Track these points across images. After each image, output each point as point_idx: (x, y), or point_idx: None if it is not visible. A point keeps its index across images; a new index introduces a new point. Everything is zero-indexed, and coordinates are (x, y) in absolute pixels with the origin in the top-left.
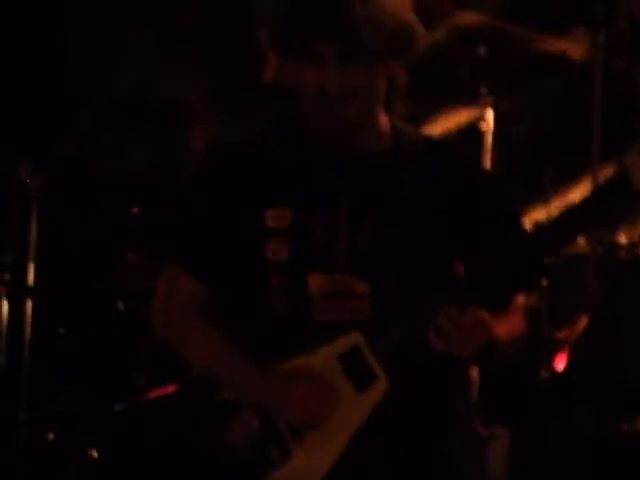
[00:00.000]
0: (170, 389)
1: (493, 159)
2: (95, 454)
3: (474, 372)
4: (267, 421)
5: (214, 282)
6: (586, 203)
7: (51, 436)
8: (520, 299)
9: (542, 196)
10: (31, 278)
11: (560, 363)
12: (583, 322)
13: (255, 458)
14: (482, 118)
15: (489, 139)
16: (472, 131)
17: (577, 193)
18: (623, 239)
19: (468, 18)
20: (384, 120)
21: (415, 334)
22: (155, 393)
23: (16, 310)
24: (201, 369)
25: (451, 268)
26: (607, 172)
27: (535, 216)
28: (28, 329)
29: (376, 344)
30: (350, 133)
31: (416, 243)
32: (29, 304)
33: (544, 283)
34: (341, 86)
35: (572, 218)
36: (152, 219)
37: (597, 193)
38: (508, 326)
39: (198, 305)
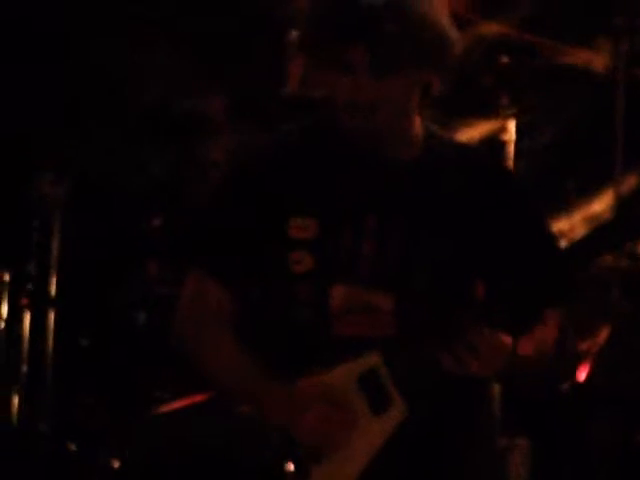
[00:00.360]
0: (189, 401)
1: (515, 170)
2: (116, 465)
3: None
4: (286, 439)
5: (239, 290)
6: (614, 219)
7: (73, 447)
8: (554, 313)
9: (564, 207)
10: (53, 289)
11: (581, 374)
12: (605, 333)
13: (273, 475)
14: (504, 129)
15: (511, 150)
16: (494, 142)
17: (600, 204)
18: None
19: (491, 28)
20: (417, 127)
21: (433, 359)
22: (174, 404)
23: (38, 321)
24: (219, 383)
25: (475, 287)
26: (630, 183)
27: (558, 227)
28: (50, 340)
29: (394, 367)
30: (380, 142)
31: (443, 259)
32: (51, 315)
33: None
34: (373, 96)
35: (601, 234)
36: (173, 230)
37: (621, 205)
38: (536, 342)
39: (222, 310)
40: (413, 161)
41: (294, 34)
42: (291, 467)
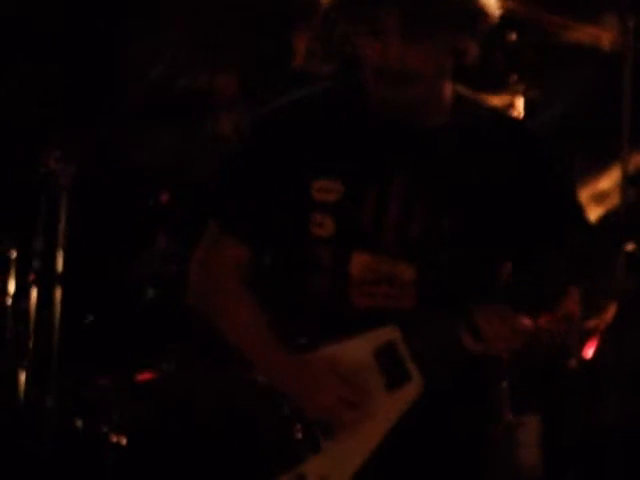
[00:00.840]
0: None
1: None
2: (123, 441)
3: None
4: (298, 411)
5: (258, 250)
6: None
7: (79, 423)
8: (574, 288)
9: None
10: (60, 265)
11: (589, 351)
12: (612, 311)
13: (282, 447)
14: (512, 105)
15: None
16: None
17: (607, 181)
18: None
19: (499, 5)
20: (448, 93)
21: (452, 335)
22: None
23: (45, 297)
24: (233, 344)
25: (501, 265)
26: (637, 160)
27: None
28: (57, 316)
29: (412, 341)
30: (410, 110)
31: (471, 232)
32: (58, 291)
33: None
34: (403, 64)
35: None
36: (182, 204)
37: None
38: (561, 317)
39: (241, 271)
40: (442, 127)
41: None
42: (299, 434)
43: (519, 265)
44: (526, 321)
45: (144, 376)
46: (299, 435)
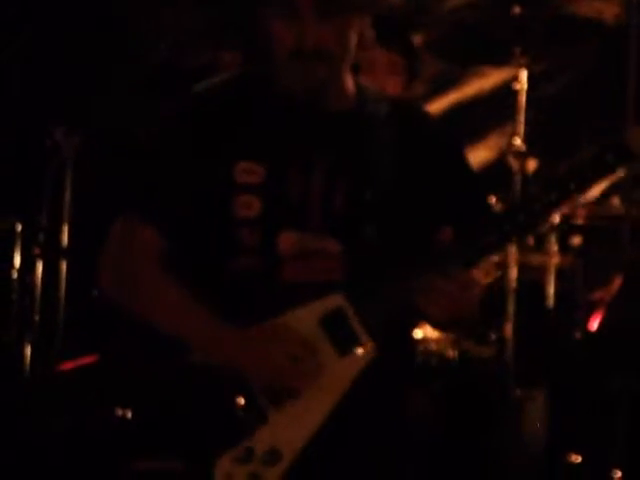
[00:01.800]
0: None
1: (527, 120)
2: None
3: (508, 332)
4: (241, 382)
5: (175, 234)
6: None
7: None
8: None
9: (576, 156)
10: (65, 239)
11: (594, 323)
12: (617, 283)
13: (226, 423)
14: (516, 78)
15: (523, 100)
16: (506, 91)
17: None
18: None
19: None
20: (349, 79)
21: (403, 299)
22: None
23: (50, 271)
24: (161, 327)
25: (426, 230)
26: None
27: None
28: (62, 290)
29: (362, 308)
30: (319, 91)
31: (389, 203)
32: (63, 265)
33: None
34: (318, 42)
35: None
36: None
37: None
38: None
39: (155, 256)
40: (350, 111)
41: None
42: (242, 401)
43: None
44: (473, 276)
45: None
46: (243, 408)
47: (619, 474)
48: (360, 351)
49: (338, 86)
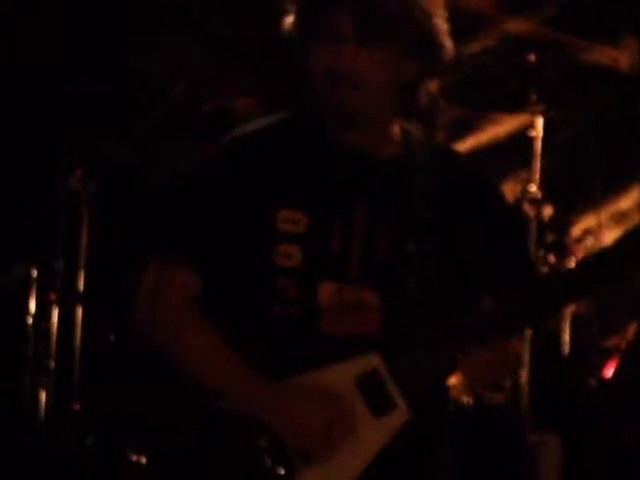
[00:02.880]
0: None
1: (542, 166)
2: (143, 460)
3: (523, 379)
4: (273, 439)
5: (213, 278)
6: None
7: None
8: None
9: (591, 204)
10: (81, 285)
11: (609, 371)
12: (632, 330)
13: (250, 476)
14: (531, 125)
15: (538, 146)
16: (521, 138)
17: (627, 201)
18: None
19: (518, 25)
20: (396, 126)
21: (441, 367)
22: None
23: (66, 316)
24: (193, 374)
25: (468, 285)
26: None
27: (585, 224)
28: (78, 335)
29: (398, 372)
30: (362, 135)
31: (432, 256)
32: (79, 310)
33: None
34: (352, 66)
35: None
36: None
37: None
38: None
39: (191, 298)
40: (395, 157)
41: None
42: (274, 464)
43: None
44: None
45: None
46: (273, 466)
47: None
48: (393, 414)
49: (380, 130)
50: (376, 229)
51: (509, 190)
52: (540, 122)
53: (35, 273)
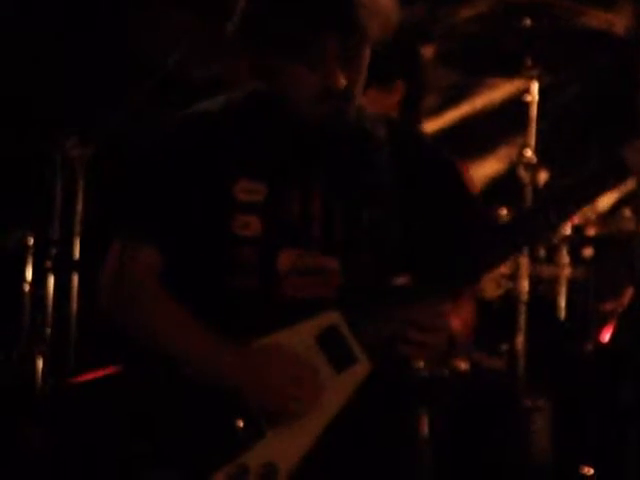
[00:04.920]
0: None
1: (538, 131)
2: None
3: (520, 344)
4: (238, 401)
5: (173, 251)
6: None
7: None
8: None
9: (588, 169)
10: (77, 252)
11: (606, 335)
12: (629, 294)
13: (221, 439)
14: (527, 90)
15: (534, 111)
16: (517, 103)
17: None
18: None
19: None
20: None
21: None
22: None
23: (62, 284)
24: (161, 346)
25: (422, 251)
26: None
27: None
28: (74, 303)
29: (358, 326)
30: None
31: (386, 225)
32: (75, 278)
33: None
34: (344, 83)
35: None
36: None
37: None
38: (462, 318)
39: (154, 274)
40: (351, 130)
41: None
42: (241, 423)
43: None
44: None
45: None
46: (239, 424)
47: None
48: (356, 368)
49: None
50: (333, 200)
51: (504, 155)
52: (535, 87)
53: (31, 240)
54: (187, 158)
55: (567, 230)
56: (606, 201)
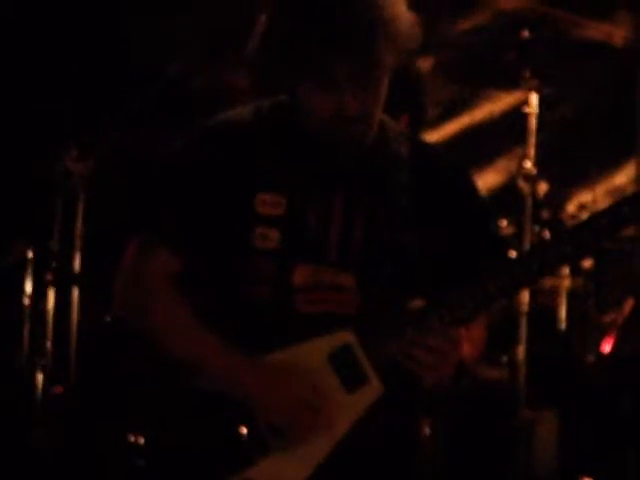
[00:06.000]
0: None
1: (537, 143)
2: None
3: (520, 356)
4: (246, 412)
5: (191, 257)
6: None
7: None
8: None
9: (587, 179)
10: (77, 265)
11: (606, 346)
12: (629, 305)
13: (227, 451)
14: (526, 102)
15: (533, 123)
16: (516, 115)
17: (622, 176)
18: None
19: (512, 2)
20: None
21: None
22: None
23: (62, 297)
24: (173, 350)
25: (439, 272)
26: None
27: (580, 199)
28: (74, 316)
29: (371, 347)
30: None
31: (406, 243)
32: (75, 291)
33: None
34: (359, 108)
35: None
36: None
37: None
38: (472, 342)
39: (170, 278)
40: (373, 149)
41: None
42: (244, 430)
43: (453, 277)
44: (458, 333)
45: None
46: (245, 438)
47: None
48: (367, 389)
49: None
50: (353, 216)
51: (504, 167)
52: (535, 98)
53: (31, 254)
54: (211, 167)
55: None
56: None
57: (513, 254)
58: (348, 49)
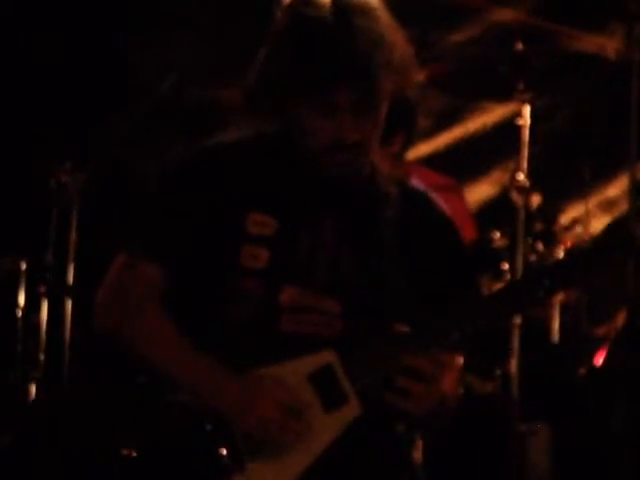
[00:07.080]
0: None
1: (530, 155)
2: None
3: (513, 368)
4: (222, 426)
5: (178, 274)
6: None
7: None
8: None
9: (580, 192)
10: (71, 277)
11: (599, 359)
12: (622, 318)
13: (204, 467)
14: (519, 114)
15: (526, 135)
16: (509, 127)
17: (615, 189)
18: None
19: (504, 15)
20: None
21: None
22: None
23: (56, 309)
24: (155, 365)
25: (419, 305)
26: None
27: (573, 213)
28: (67, 328)
29: (352, 368)
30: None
31: (389, 275)
32: (69, 303)
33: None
34: (357, 134)
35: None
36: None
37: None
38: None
39: (156, 293)
40: (362, 185)
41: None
42: (224, 451)
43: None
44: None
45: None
46: (223, 454)
47: None
48: (345, 410)
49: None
50: (341, 245)
51: (497, 179)
52: (528, 110)
53: (24, 266)
54: (203, 186)
55: (560, 254)
56: (599, 224)
57: (506, 266)
58: (349, 77)
